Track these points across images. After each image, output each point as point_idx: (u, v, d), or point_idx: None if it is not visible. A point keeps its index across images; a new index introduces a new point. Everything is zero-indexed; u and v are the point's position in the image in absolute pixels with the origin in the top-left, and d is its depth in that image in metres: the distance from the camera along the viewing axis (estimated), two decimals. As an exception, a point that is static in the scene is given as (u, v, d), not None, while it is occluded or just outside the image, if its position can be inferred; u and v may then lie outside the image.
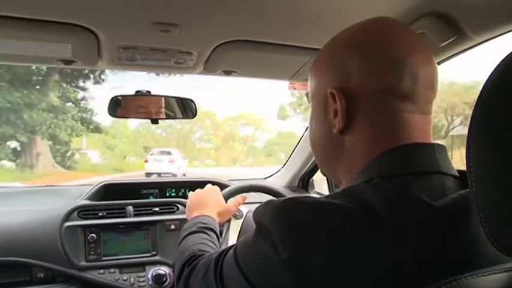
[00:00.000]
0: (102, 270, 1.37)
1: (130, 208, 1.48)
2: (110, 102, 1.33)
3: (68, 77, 16.43)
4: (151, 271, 1.40)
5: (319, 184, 1.94)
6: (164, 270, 1.41)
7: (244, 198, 1.17)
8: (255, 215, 0.53)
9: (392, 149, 0.52)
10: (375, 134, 0.54)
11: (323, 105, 0.59)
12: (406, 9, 0.86)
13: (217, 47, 1.06)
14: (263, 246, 0.48)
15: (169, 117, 1.43)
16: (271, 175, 2.05)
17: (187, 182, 1.77)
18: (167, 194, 1.73)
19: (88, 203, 1.48)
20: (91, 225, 1.40)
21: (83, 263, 1.36)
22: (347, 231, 0.44)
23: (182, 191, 1.74)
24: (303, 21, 0.92)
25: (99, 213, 1.44)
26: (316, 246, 0.44)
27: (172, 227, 1.48)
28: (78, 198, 1.52)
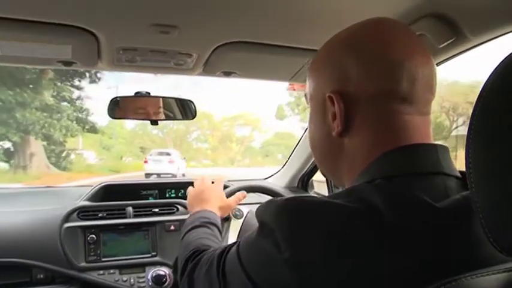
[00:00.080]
0: (101, 271, 1.37)
1: (130, 209, 1.48)
2: (109, 104, 1.33)
3: (63, 75, 15.99)
4: (151, 272, 1.40)
5: (319, 185, 1.94)
6: (164, 271, 1.41)
7: (244, 195, 1.17)
8: (258, 213, 0.54)
9: (393, 149, 0.52)
10: (374, 136, 0.54)
11: (321, 108, 0.58)
12: (406, 10, 0.86)
13: (216, 48, 1.06)
14: (266, 245, 0.49)
15: (169, 118, 1.43)
16: (271, 176, 2.05)
17: (187, 183, 1.76)
18: (167, 195, 1.73)
19: (88, 204, 1.48)
20: (91, 226, 1.40)
21: (83, 263, 1.36)
22: (349, 232, 0.44)
23: (182, 191, 1.73)
24: (303, 22, 0.92)
25: (99, 214, 1.44)
26: (317, 246, 0.44)
27: (172, 227, 1.48)
28: (78, 199, 1.51)
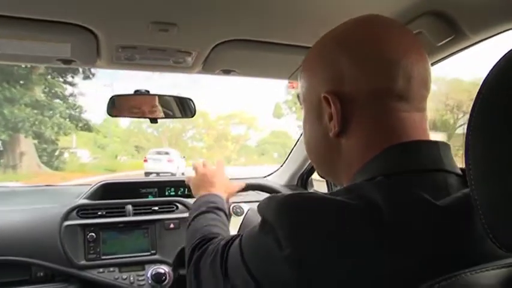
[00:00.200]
0: (101, 269, 1.37)
1: (130, 207, 1.48)
2: (108, 102, 1.33)
3: (55, 70, 15.19)
4: (150, 270, 1.40)
5: (318, 183, 1.94)
6: (163, 269, 1.41)
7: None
8: (260, 209, 0.53)
9: (393, 146, 0.52)
10: (372, 135, 0.53)
11: (316, 109, 0.58)
12: (404, 8, 0.86)
13: (216, 46, 1.06)
14: (267, 242, 0.49)
15: (168, 117, 1.43)
16: (270, 174, 2.06)
17: None
18: (166, 193, 1.73)
19: (87, 202, 1.48)
20: (90, 224, 1.40)
21: (83, 262, 1.36)
22: (349, 229, 0.44)
23: (181, 190, 1.73)
24: (302, 20, 0.92)
25: (99, 213, 1.44)
26: (317, 244, 0.44)
27: (171, 226, 1.48)
28: (77, 198, 1.52)
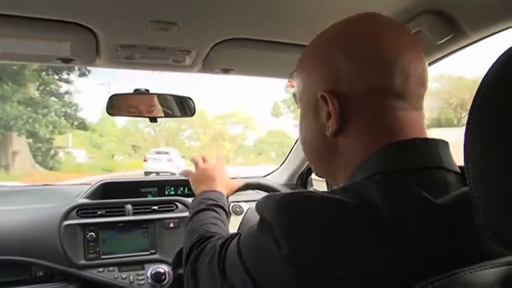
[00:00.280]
0: (101, 269, 1.37)
1: (129, 206, 1.48)
2: (108, 101, 1.33)
3: (50, 66, 14.12)
4: (150, 269, 1.40)
5: (318, 182, 1.94)
6: (163, 268, 1.41)
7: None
8: (258, 207, 0.53)
9: (391, 144, 0.51)
10: (370, 133, 0.53)
11: (313, 108, 0.58)
12: (404, 6, 0.86)
13: (215, 45, 1.06)
14: (265, 241, 0.48)
15: (168, 116, 1.43)
16: (270, 173, 2.06)
17: (186, 181, 1.76)
18: (166, 193, 1.73)
19: (87, 201, 1.48)
20: (90, 223, 1.40)
21: (82, 261, 1.36)
22: (347, 228, 0.44)
23: (181, 189, 1.73)
24: (301, 19, 0.92)
25: (98, 212, 1.44)
26: (316, 243, 0.44)
27: (171, 225, 1.48)
28: (77, 197, 1.51)
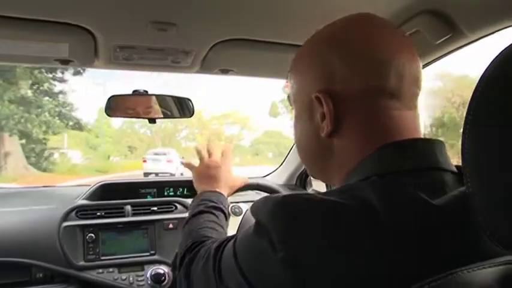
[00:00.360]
0: (100, 270, 1.37)
1: (129, 208, 1.48)
2: (107, 102, 1.33)
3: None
4: (150, 270, 1.40)
5: (317, 182, 1.94)
6: (163, 269, 1.40)
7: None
8: (253, 210, 0.53)
9: (387, 145, 0.51)
10: (365, 134, 0.53)
11: (308, 109, 0.58)
12: (401, 7, 0.86)
13: (214, 45, 1.06)
14: (261, 244, 0.48)
15: (167, 117, 1.43)
16: (269, 173, 2.06)
17: (185, 182, 1.76)
18: (165, 194, 1.72)
19: (86, 202, 1.48)
20: (89, 225, 1.40)
21: (82, 262, 1.35)
22: (344, 231, 0.44)
23: (180, 190, 1.73)
24: (300, 19, 0.93)
25: (98, 213, 1.43)
26: (312, 245, 0.44)
27: (170, 226, 1.48)
28: (77, 198, 1.51)
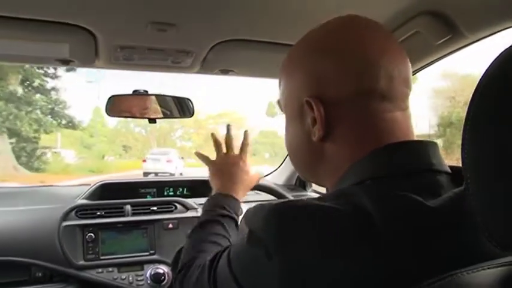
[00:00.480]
0: (100, 269, 1.37)
1: (128, 207, 1.48)
2: (107, 102, 1.33)
3: None
4: (149, 270, 1.40)
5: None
6: (162, 269, 1.40)
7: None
8: (246, 220, 0.52)
9: (380, 148, 0.51)
10: (357, 137, 0.53)
11: (298, 114, 0.57)
12: (401, 8, 0.86)
13: (214, 46, 1.06)
14: (255, 254, 0.47)
15: (167, 117, 1.44)
16: (269, 174, 2.06)
17: (185, 182, 1.77)
18: (165, 193, 1.73)
19: (86, 202, 1.48)
20: (89, 224, 1.40)
21: (81, 262, 1.35)
22: (340, 235, 0.43)
23: (180, 190, 1.74)
24: (299, 20, 0.93)
25: (97, 213, 1.43)
26: (307, 252, 0.43)
27: (170, 226, 1.48)
28: (76, 198, 1.51)
